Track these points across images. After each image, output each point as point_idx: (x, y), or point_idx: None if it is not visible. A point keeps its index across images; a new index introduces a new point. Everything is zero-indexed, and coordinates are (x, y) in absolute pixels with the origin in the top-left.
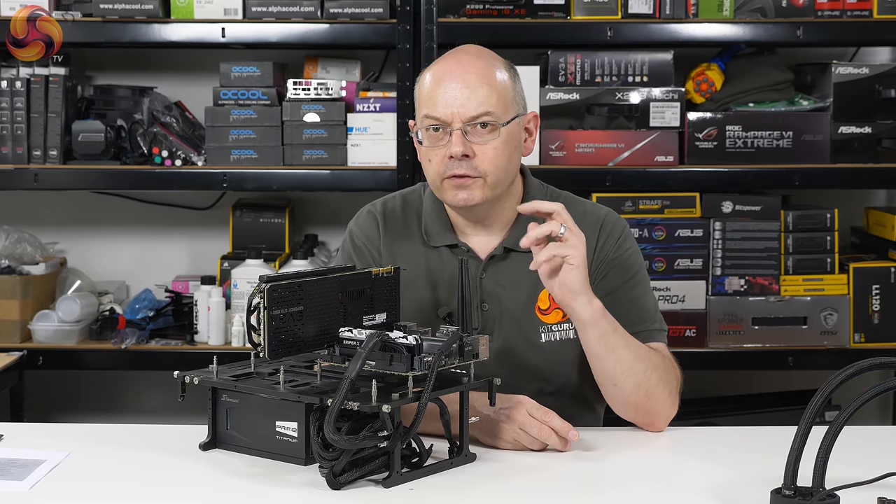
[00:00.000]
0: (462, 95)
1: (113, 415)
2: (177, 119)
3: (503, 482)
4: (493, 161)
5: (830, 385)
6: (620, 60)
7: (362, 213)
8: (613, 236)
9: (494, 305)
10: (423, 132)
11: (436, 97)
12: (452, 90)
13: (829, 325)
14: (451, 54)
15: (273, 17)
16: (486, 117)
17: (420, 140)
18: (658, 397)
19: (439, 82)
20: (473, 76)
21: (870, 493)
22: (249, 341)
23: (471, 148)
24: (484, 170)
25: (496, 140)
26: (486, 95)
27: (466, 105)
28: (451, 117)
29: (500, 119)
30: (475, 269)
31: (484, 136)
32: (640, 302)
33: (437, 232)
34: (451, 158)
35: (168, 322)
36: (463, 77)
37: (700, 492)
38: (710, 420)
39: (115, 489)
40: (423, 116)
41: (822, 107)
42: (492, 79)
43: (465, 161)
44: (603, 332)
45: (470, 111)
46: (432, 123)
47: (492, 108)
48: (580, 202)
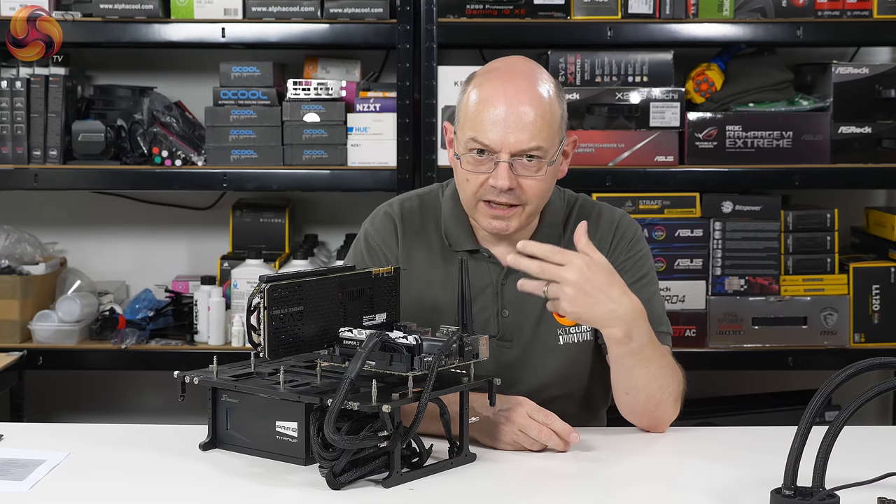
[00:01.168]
0: (513, 126)
1: (113, 415)
2: (177, 119)
3: (503, 482)
4: (536, 193)
5: (830, 385)
6: (620, 60)
7: (379, 214)
8: (626, 238)
9: (515, 312)
10: (466, 154)
11: (485, 122)
12: (504, 118)
13: (829, 325)
14: (502, 72)
15: (273, 17)
16: (536, 152)
17: (458, 157)
18: (666, 407)
19: (489, 105)
20: (528, 106)
21: (870, 493)
22: (249, 341)
23: (516, 180)
24: (526, 199)
25: (542, 175)
26: (538, 129)
27: (518, 137)
28: (500, 147)
29: (547, 154)
30: (497, 275)
31: (530, 168)
32: (648, 303)
33: (458, 237)
34: (492, 187)
35: (168, 322)
36: (517, 106)
37: (700, 492)
38: (710, 420)
39: (115, 489)
40: (468, 138)
41: (822, 107)
42: (544, 109)
43: (509, 192)
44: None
45: (520, 145)
46: (477, 147)
47: (542, 142)
48: (596, 205)
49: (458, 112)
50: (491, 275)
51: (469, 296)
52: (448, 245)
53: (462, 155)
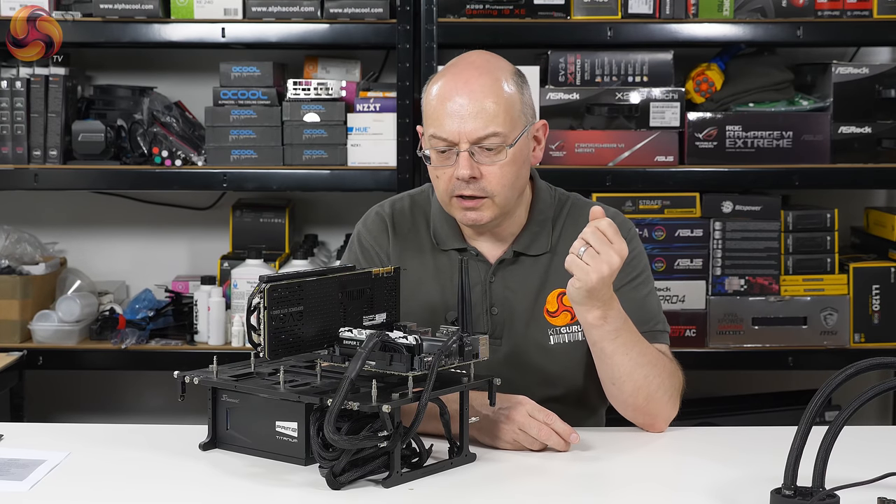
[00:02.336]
0: (468, 115)
1: (113, 415)
2: (177, 119)
3: (503, 482)
4: (500, 181)
5: (830, 385)
6: (620, 60)
7: (370, 215)
8: None
9: (504, 309)
10: (431, 151)
11: (441, 116)
12: (458, 109)
13: (829, 325)
14: (456, 67)
15: (273, 17)
16: (492, 139)
17: (427, 157)
18: (658, 401)
19: (444, 99)
20: (479, 94)
21: (870, 493)
22: (249, 341)
23: (478, 169)
24: (491, 190)
25: (503, 160)
26: (492, 115)
27: (473, 126)
28: (458, 137)
29: (507, 139)
30: (485, 272)
31: (491, 156)
32: (643, 302)
33: (445, 236)
34: (457, 180)
35: (168, 322)
36: (469, 95)
37: (700, 492)
38: (710, 420)
39: (115, 489)
40: (430, 135)
41: (822, 107)
42: (498, 96)
43: (473, 182)
44: (600, 336)
45: (476, 132)
46: (439, 145)
47: (498, 127)
48: (589, 204)
49: (423, 113)
50: (479, 272)
51: (469, 296)
52: (436, 244)
53: (429, 153)
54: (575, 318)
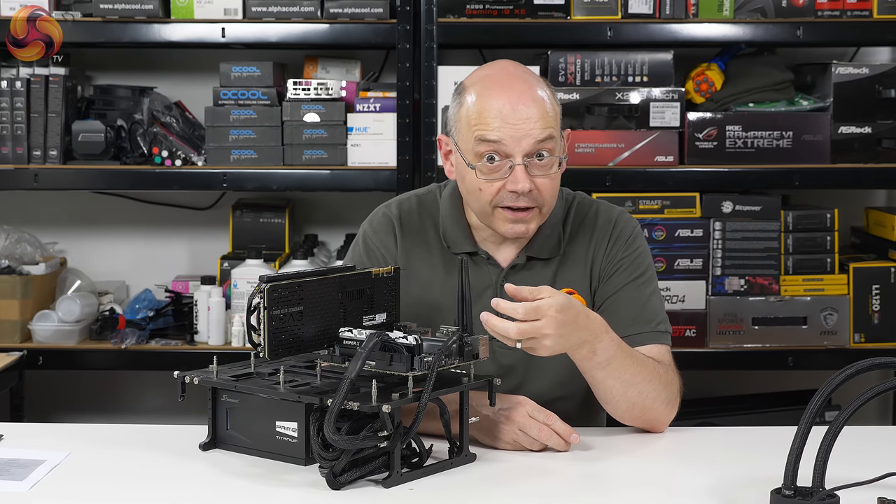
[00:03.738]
0: (523, 124)
1: (113, 415)
2: (177, 119)
3: (503, 482)
4: (551, 193)
5: (830, 385)
6: (620, 60)
7: (377, 215)
8: (623, 237)
9: None
10: (480, 164)
11: (493, 128)
12: (512, 119)
13: (829, 325)
14: (497, 77)
15: (273, 17)
16: (547, 145)
17: (472, 167)
18: (654, 410)
19: (494, 111)
20: (531, 103)
21: (870, 493)
22: (249, 341)
23: (533, 182)
24: (542, 201)
25: (554, 170)
26: (546, 124)
27: (529, 134)
28: (513, 148)
29: (556, 149)
30: (496, 276)
31: (543, 167)
32: (646, 302)
33: (456, 239)
34: (511, 192)
35: (168, 322)
36: (520, 105)
37: (700, 492)
38: (710, 420)
39: (115, 489)
40: (476, 140)
41: (822, 107)
42: (547, 106)
43: (527, 194)
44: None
45: (533, 138)
46: (489, 152)
47: (552, 135)
48: (593, 203)
49: (457, 122)
50: (490, 276)
51: (469, 296)
52: (447, 247)
53: (476, 165)
54: None
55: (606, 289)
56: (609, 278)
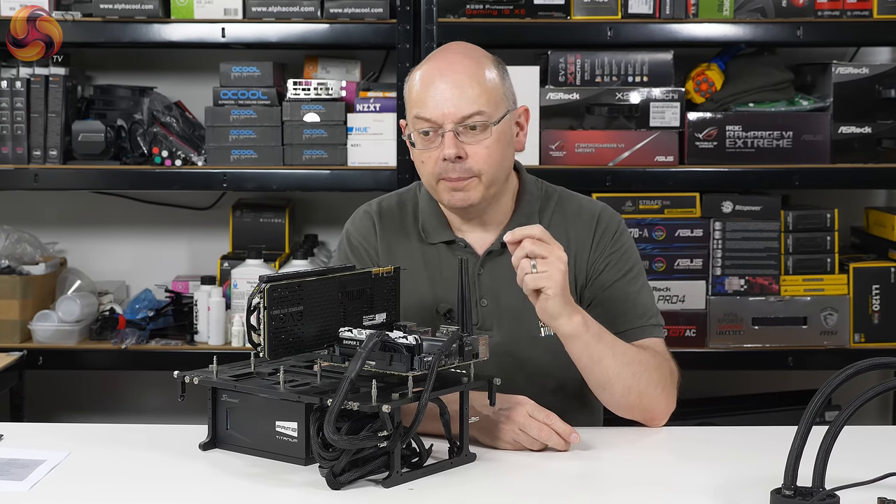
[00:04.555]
0: (452, 96)
1: (113, 415)
2: (177, 119)
3: (503, 482)
4: (486, 160)
5: (830, 385)
6: (620, 60)
7: (358, 213)
8: (609, 232)
9: (493, 301)
10: (415, 135)
11: (425, 98)
12: (442, 91)
13: (829, 325)
14: (438, 54)
15: (273, 17)
16: (476, 117)
17: (412, 142)
18: (651, 396)
19: (428, 83)
20: (462, 75)
21: (870, 493)
22: (249, 341)
23: (463, 149)
24: (478, 169)
25: (488, 139)
26: (476, 95)
27: (457, 105)
28: (442, 118)
29: (490, 118)
30: (473, 265)
31: (476, 136)
32: (636, 298)
33: (433, 229)
34: (444, 160)
35: (168, 322)
36: (452, 77)
37: (700, 492)
38: (710, 420)
39: (115, 489)
40: (413, 118)
41: (822, 107)
42: (481, 77)
43: (459, 163)
44: (586, 344)
45: (461, 111)
46: (423, 126)
47: (482, 107)
48: (575, 197)
49: (405, 99)
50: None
51: (469, 295)
52: (424, 237)
53: (413, 138)
54: None
55: (596, 286)
56: (598, 275)
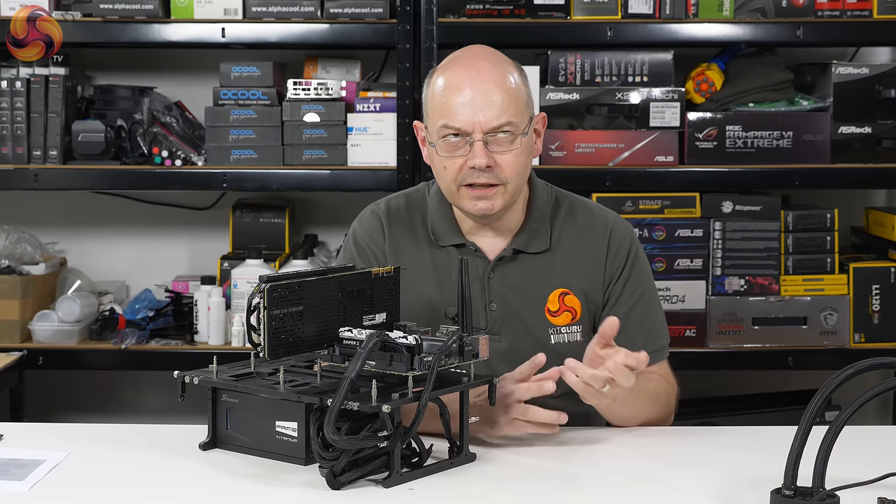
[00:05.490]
0: (483, 105)
1: (113, 415)
2: (177, 119)
3: (503, 482)
4: (514, 169)
5: (830, 385)
6: (620, 60)
7: (366, 213)
8: (623, 250)
9: (502, 306)
10: (440, 141)
11: (454, 106)
12: (472, 99)
13: (829, 325)
14: (462, 58)
15: (273, 17)
16: (507, 127)
17: (433, 145)
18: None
19: (456, 90)
20: (492, 84)
21: (870, 493)
22: (249, 341)
23: (493, 158)
24: (505, 177)
25: (517, 149)
26: (505, 104)
27: (487, 115)
28: (472, 127)
29: (519, 127)
30: (483, 269)
31: (505, 144)
32: (651, 320)
33: (443, 232)
34: (471, 168)
35: (168, 322)
36: (482, 85)
37: (700, 492)
38: (710, 420)
39: (115, 489)
40: (440, 126)
41: (822, 107)
42: (509, 86)
43: (488, 171)
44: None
45: (491, 122)
46: (451, 132)
47: (511, 117)
48: (586, 205)
49: (425, 104)
50: (478, 269)
51: (469, 295)
52: (434, 241)
53: (436, 142)
54: (576, 317)
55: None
56: (616, 301)
